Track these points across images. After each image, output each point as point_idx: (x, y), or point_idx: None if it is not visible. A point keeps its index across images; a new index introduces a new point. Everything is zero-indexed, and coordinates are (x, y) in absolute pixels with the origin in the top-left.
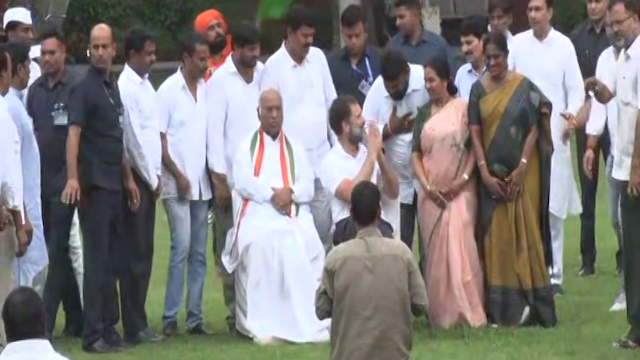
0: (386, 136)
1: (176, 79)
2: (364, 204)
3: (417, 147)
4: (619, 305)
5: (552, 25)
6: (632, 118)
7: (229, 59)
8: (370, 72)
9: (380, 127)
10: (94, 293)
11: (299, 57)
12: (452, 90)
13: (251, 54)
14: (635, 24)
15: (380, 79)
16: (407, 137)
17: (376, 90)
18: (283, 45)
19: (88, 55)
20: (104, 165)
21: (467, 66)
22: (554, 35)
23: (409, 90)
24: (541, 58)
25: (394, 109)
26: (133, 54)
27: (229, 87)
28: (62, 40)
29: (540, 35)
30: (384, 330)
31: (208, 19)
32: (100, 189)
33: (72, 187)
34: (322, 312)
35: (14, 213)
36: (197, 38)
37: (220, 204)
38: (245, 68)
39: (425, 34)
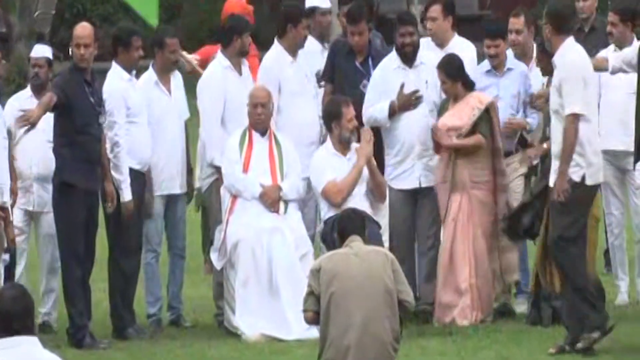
0: (392, 113)
1: (148, 76)
2: (351, 230)
3: None
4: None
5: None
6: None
7: (219, 52)
8: (372, 73)
9: (387, 103)
10: (73, 290)
11: (295, 52)
12: (468, 86)
13: (247, 42)
14: (628, 31)
15: (390, 55)
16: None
17: (384, 66)
18: (277, 42)
19: (70, 52)
20: (80, 164)
21: (486, 65)
22: (456, 41)
23: (418, 61)
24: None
25: (401, 87)
26: (121, 50)
27: (226, 81)
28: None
29: (441, 44)
30: (372, 315)
31: (236, 11)
32: (74, 187)
33: (33, 112)
34: (310, 314)
35: (3, 209)
36: (166, 32)
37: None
38: (238, 60)
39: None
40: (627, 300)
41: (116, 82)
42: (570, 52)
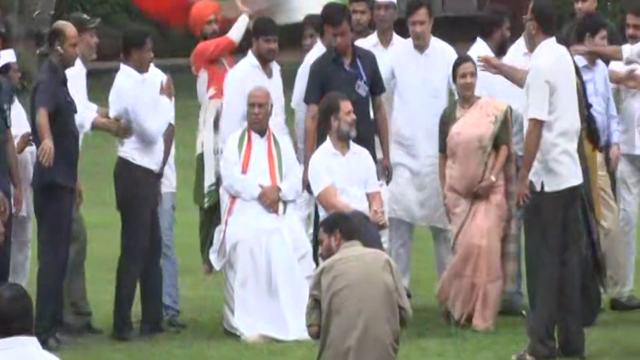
0: None
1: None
2: (348, 229)
3: (443, 149)
4: None
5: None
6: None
7: (249, 52)
8: (362, 73)
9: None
10: (59, 290)
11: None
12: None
13: (266, 47)
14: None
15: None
16: None
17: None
18: (319, 41)
19: (59, 51)
20: (67, 165)
21: (581, 61)
22: (434, 43)
23: (429, 48)
24: (423, 70)
25: None
26: (135, 51)
27: (252, 81)
28: None
29: (423, 46)
30: (373, 317)
31: (207, 13)
32: (61, 187)
33: (48, 145)
34: (315, 329)
35: None
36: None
37: None
38: (264, 62)
39: None
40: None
41: (128, 82)
42: (541, 56)
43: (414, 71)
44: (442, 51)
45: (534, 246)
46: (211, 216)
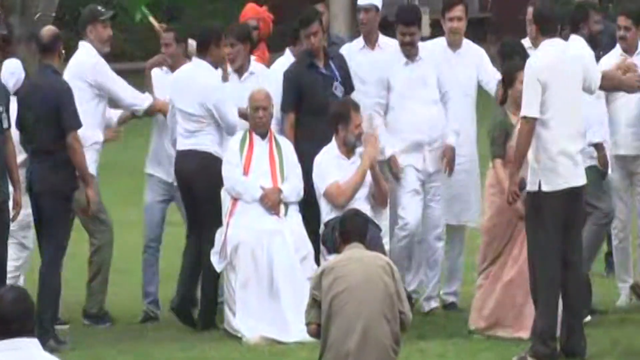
0: None
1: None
2: (353, 233)
3: (502, 155)
4: None
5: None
6: None
7: (287, 50)
8: (337, 74)
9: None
10: (59, 291)
11: (406, 54)
12: None
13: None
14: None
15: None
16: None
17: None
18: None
19: (62, 55)
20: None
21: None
22: (467, 45)
23: (462, 48)
24: (455, 68)
25: None
26: (213, 46)
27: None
28: None
29: (457, 45)
30: (373, 318)
31: (248, 16)
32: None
33: (95, 201)
34: (313, 327)
35: None
36: None
37: None
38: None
39: (333, 36)
40: (628, 302)
41: (207, 76)
42: (538, 56)
43: (446, 69)
44: (473, 51)
45: (535, 246)
46: None
